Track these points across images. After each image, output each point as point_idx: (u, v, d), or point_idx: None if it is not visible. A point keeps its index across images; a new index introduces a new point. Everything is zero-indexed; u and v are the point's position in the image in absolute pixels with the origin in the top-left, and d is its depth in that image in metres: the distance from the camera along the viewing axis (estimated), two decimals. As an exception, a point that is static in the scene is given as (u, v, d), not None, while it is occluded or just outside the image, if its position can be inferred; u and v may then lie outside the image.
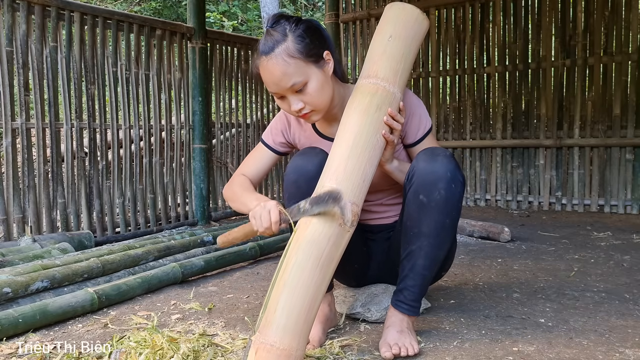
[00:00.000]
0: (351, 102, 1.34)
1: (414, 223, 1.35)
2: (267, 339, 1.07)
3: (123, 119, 3.20)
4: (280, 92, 1.36)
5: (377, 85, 1.33)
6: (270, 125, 1.60)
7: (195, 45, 3.54)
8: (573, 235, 3.01)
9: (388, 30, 1.40)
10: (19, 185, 2.70)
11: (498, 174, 4.31)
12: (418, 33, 1.44)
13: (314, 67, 1.35)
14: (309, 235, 1.16)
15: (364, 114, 1.29)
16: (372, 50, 1.41)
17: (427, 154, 1.36)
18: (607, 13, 3.85)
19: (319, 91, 1.35)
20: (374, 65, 1.36)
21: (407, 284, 1.37)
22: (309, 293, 1.13)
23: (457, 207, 1.34)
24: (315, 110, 1.38)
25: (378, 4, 4.88)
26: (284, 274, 1.13)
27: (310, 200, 1.18)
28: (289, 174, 1.42)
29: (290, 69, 1.31)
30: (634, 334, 1.44)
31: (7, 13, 2.61)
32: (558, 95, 4.05)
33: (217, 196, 3.89)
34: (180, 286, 2.05)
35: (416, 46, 1.44)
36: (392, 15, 1.43)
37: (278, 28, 1.35)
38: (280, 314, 1.09)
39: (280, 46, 1.32)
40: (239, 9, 10.39)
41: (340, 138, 1.28)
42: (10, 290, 1.65)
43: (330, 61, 1.40)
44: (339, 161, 1.24)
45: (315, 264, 1.14)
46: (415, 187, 1.34)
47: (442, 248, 1.38)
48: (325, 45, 1.40)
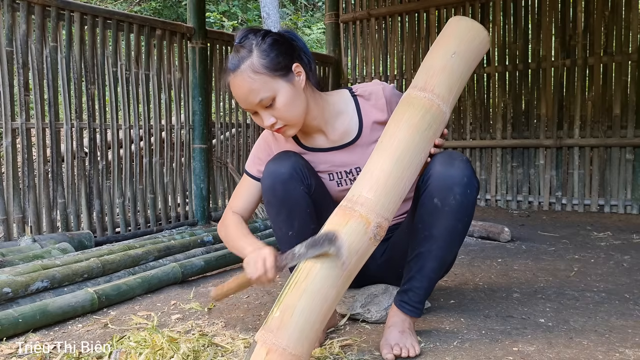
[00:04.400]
0: (402, 112, 1.28)
1: (425, 225, 1.34)
2: (281, 342, 1.05)
3: (123, 119, 3.20)
4: (250, 109, 1.34)
5: (432, 102, 1.27)
6: (251, 154, 1.56)
7: (195, 45, 3.54)
8: (573, 235, 3.01)
9: (452, 46, 1.33)
10: (19, 185, 2.70)
11: (498, 174, 4.31)
12: (479, 55, 1.39)
13: (282, 81, 1.32)
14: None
15: (414, 130, 1.24)
16: (431, 62, 1.33)
17: (444, 157, 1.34)
18: (607, 13, 3.86)
19: (288, 105, 1.33)
20: (432, 79, 1.29)
21: (413, 285, 1.37)
22: (327, 303, 1.11)
23: (470, 213, 1.33)
24: (288, 125, 1.36)
25: (378, 4, 4.89)
26: (306, 279, 1.10)
27: (307, 243, 1.13)
28: (265, 179, 1.40)
29: (255, 85, 1.30)
30: (634, 334, 1.44)
31: (7, 13, 2.61)
32: (558, 95, 4.05)
33: (217, 196, 3.89)
34: (180, 286, 2.05)
35: (473, 68, 1.39)
36: (458, 31, 1.36)
37: (246, 43, 1.33)
38: (298, 319, 1.07)
39: (245, 62, 1.30)
40: (239, 9, 10.39)
41: (385, 148, 1.23)
42: (10, 290, 1.65)
43: (301, 73, 1.36)
44: (380, 173, 1.19)
45: (340, 273, 1.12)
46: (430, 190, 1.33)
47: (452, 252, 1.38)
48: (294, 57, 1.37)
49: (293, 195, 1.37)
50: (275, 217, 1.43)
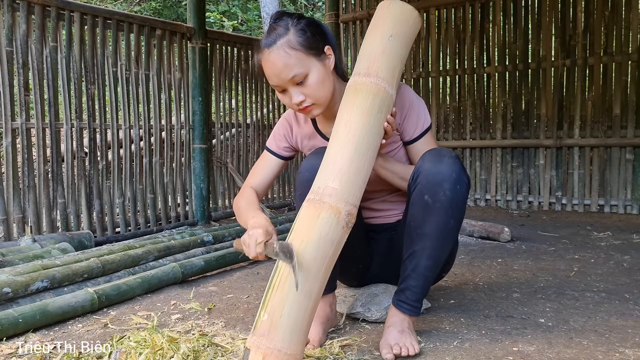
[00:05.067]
0: (352, 99, 1.30)
1: (418, 223, 1.35)
2: (275, 344, 1.05)
3: (123, 119, 3.20)
4: (281, 85, 1.37)
5: (378, 86, 1.30)
6: (272, 132, 1.62)
7: (195, 45, 3.54)
8: (573, 235, 3.01)
9: (388, 29, 1.38)
10: (19, 185, 2.70)
11: (498, 174, 4.31)
12: (414, 35, 1.44)
13: (315, 60, 1.36)
14: (315, 237, 1.13)
15: (367, 115, 1.26)
16: (370, 47, 1.37)
17: (432, 154, 1.36)
18: (607, 13, 3.86)
19: (319, 84, 1.36)
20: (374, 64, 1.33)
21: (409, 284, 1.37)
22: (312, 296, 1.11)
23: (461, 208, 1.34)
24: (315, 104, 1.38)
25: (378, 4, 4.88)
26: (288, 277, 1.10)
27: (280, 246, 1.13)
28: (303, 172, 1.43)
29: (291, 61, 1.33)
30: (634, 334, 1.44)
31: (7, 13, 2.61)
32: (558, 95, 4.05)
33: (217, 196, 3.89)
34: (180, 286, 2.05)
35: (409, 48, 1.44)
36: (392, 14, 1.41)
37: (281, 23, 1.38)
38: (287, 319, 1.07)
39: (282, 39, 1.34)
40: (239, 9, 10.39)
41: (342, 136, 1.25)
42: (10, 290, 1.65)
43: (331, 56, 1.41)
44: (342, 161, 1.21)
45: (320, 266, 1.13)
46: (420, 188, 1.34)
47: (445, 249, 1.38)
48: (326, 40, 1.41)
49: None
50: None
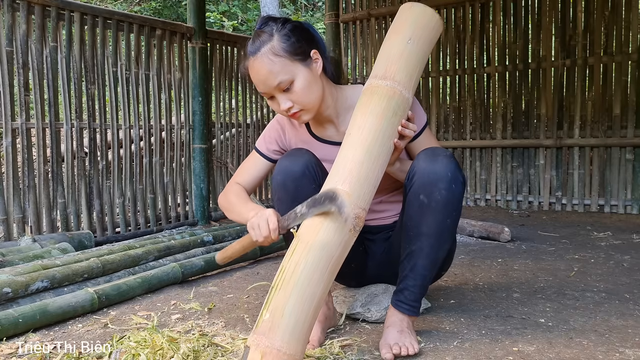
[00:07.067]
0: (367, 103, 1.29)
1: (414, 223, 1.35)
2: (274, 343, 1.05)
3: (123, 119, 3.20)
4: (268, 92, 1.37)
5: (394, 89, 1.29)
6: (263, 134, 1.59)
7: (195, 45, 3.54)
8: (573, 235, 3.01)
9: (407, 32, 1.35)
10: (19, 185, 2.70)
11: (498, 174, 4.31)
12: (434, 39, 1.41)
13: (301, 66, 1.35)
14: (321, 239, 1.13)
15: (381, 118, 1.25)
16: (388, 50, 1.35)
17: (427, 154, 1.36)
18: (607, 13, 3.86)
19: (306, 89, 1.35)
20: (392, 67, 1.31)
21: (407, 284, 1.37)
22: (316, 298, 1.11)
23: (457, 207, 1.34)
24: (304, 110, 1.38)
25: (378, 4, 4.88)
26: (292, 277, 1.10)
27: (307, 203, 1.17)
28: (276, 176, 1.41)
29: (275, 67, 1.33)
30: (634, 334, 1.44)
31: (7, 13, 2.61)
32: (558, 95, 4.05)
33: (217, 196, 3.88)
34: (180, 286, 2.05)
35: (429, 52, 1.41)
36: (412, 17, 1.38)
37: (265, 29, 1.37)
38: (289, 319, 1.07)
39: (265, 46, 1.34)
40: (239, 9, 10.39)
41: (355, 139, 1.24)
42: (10, 290, 1.65)
43: (318, 60, 1.40)
44: (352, 164, 1.20)
45: (325, 268, 1.13)
46: (415, 187, 1.34)
47: (443, 248, 1.37)
48: (313, 44, 1.40)
49: (304, 193, 1.37)
50: (285, 213, 1.43)
